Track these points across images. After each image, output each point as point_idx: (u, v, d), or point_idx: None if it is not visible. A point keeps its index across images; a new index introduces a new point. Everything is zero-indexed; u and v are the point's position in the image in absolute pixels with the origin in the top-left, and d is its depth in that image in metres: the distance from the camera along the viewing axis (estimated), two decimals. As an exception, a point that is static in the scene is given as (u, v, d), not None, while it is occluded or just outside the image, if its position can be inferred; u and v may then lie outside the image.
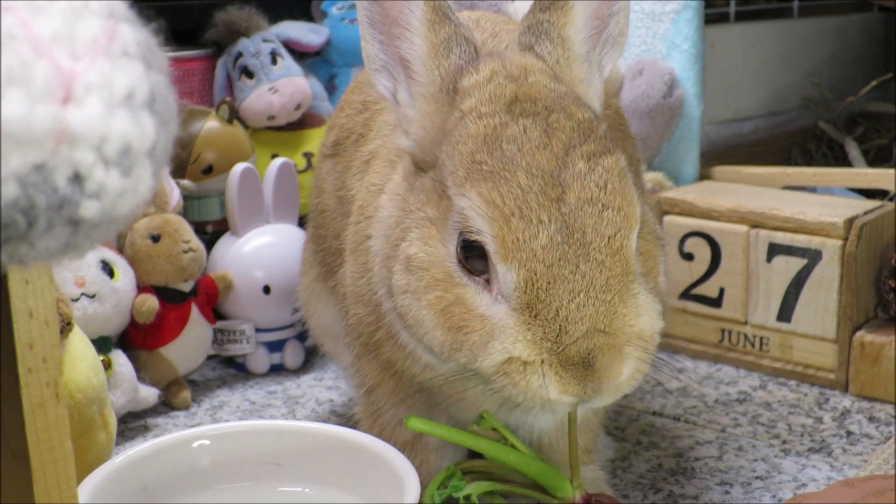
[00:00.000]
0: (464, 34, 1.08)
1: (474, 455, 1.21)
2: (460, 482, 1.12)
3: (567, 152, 0.99)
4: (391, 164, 1.17)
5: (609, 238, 0.97)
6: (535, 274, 0.96)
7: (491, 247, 0.97)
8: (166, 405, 1.66)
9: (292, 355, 1.81)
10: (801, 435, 1.53)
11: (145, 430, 1.58)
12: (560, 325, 0.96)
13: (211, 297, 1.72)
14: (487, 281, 0.99)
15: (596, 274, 0.97)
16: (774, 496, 1.34)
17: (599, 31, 1.11)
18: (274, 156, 1.86)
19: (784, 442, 1.50)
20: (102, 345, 1.52)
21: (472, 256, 0.99)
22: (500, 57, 1.08)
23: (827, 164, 2.62)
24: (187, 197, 1.80)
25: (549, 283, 0.96)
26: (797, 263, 1.71)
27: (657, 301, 1.03)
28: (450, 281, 1.01)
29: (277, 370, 1.81)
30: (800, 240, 1.70)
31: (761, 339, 1.78)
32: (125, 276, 1.59)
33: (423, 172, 1.07)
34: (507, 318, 0.98)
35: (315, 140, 1.95)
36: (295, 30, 2.02)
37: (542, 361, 0.97)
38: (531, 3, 1.11)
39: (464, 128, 1.02)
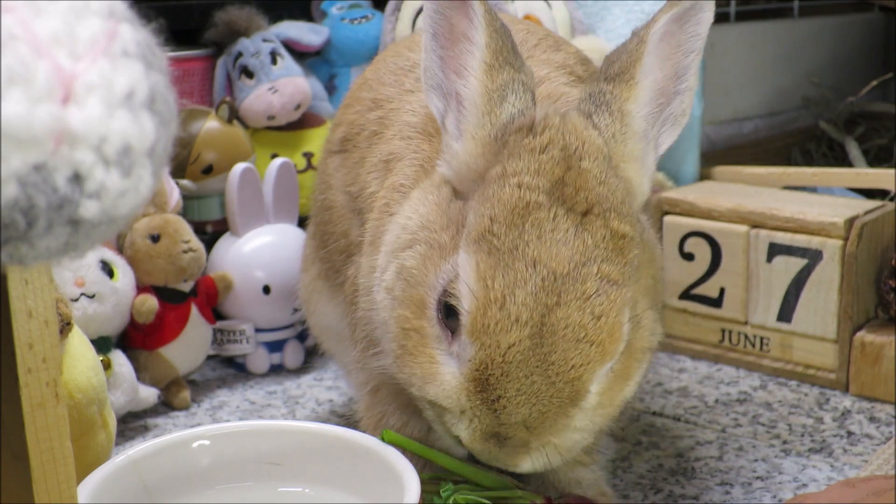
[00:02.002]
0: (522, 80, 1.05)
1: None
2: (448, 487, 1.12)
3: (584, 263, 0.97)
4: (423, 170, 1.16)
5: (573, 367, 0.97)
6: (492, 362, 0.97)
7: (463, 318, 0.98)
8: (166, 405, 1.66)
9: (292, 355, 1.81)
10: (802, 435, 1.53)
11: (145, 430, 1.57)
12: (496, 410, 0.98)
13: (211, 297, 1.72)
14: (453, 333, 1.00)
15: (544, 388, 0.97)
16: (775, 496, 1.34)
17: (662, 108, 1.08)
18: (274, 156, 1.86)
19: (784, 442, 1.50)
20: (102, 345, 1.52)
21: (450, 316, 1.00)
22: (560, 120, 1.04)
23: (827, 164, 2.62)
24: (187, 197, 1.80)
25: (501, 375, 0.97)
26: (797, 263, 1.71)
27: (591, 423, 1.03)
28: (423, 310, 1.02)
29: (277, 370, 1.81)
30: (800, 240, 1.70)
31: (762, 339, 1.77)
32: (125, 276, 1.59)
33: (455, 198, 1.07)
34: (452, 378, 1.00)
35: (315, 140, 1.95)
36: (295, 30, 2.02)
37: (468, 414, 1.00)
38: (531, 3, 1.10)
39: (500, 188, 0.99)
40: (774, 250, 1.73)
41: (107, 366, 1.50)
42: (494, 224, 0.98)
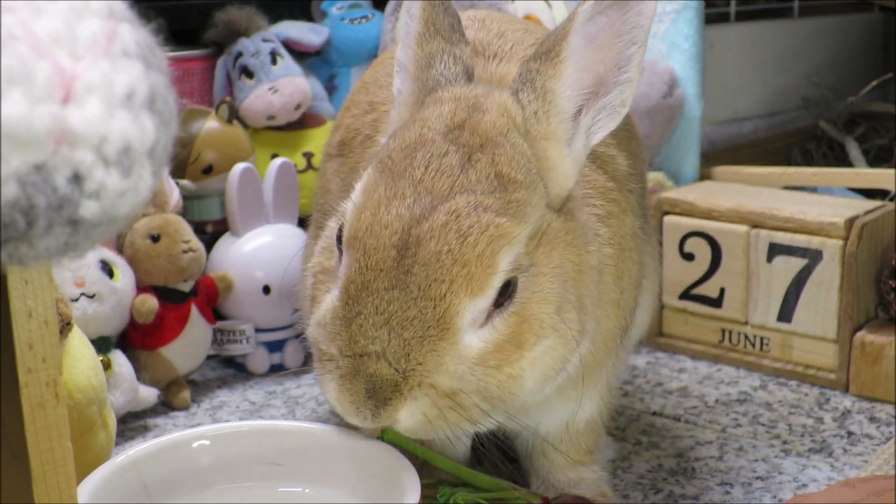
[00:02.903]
0: (455, 54, 1.08)
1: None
2: (446, 491, 1.12)
3: (462, 191, 0.97)
4: None
5: (435, 282, 0.94)
6: (357, 268, 0.96)
7: (345, 229, 1.00)
8: (166, 405, 1.65)
9: (292, 355, 1.81)
10: (802, 435, 1.53)
11: (145, 430, 1.57)
12: (352, 332, 0.96)
13: (211, 297, 1.72)
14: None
15: (405, 306, 0.94)
16: (775, 496, 1.34)
17: (599, 96, 1.07)
18: (274, 156, 1.86)
19: (784, 442, 1.50)
20: (102, 345, 1.52)
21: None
22: (484, 89, 1.07)
23: (827, 164, 2.62)
24: (187, 197, 1.80)
25: (362, 284, 0.96)
26: (797, 263, 1.71)
27: (471, 374, 0.97)
28: (331, 252, 1.06)
29: (277, 370, 1.81)
30: (800, 240, 1.70)
31: (762, 339, 1.77)
32: (125, 276, 1.59)
33: None
34: (328, 300, 1.01)
35: (315, 140, 1.95)
36: (295, 30, 2.02)
37: (332, 358, 0.98)
38: (531, 3, 1.11)
39: (406, 130, 1.04)
40: (774, 250, 1.73)
41: (107, 366, 1.50)
42: (392, 153, 1.01)
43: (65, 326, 1.26)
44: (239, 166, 1.74)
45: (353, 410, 0.97)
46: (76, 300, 1.51)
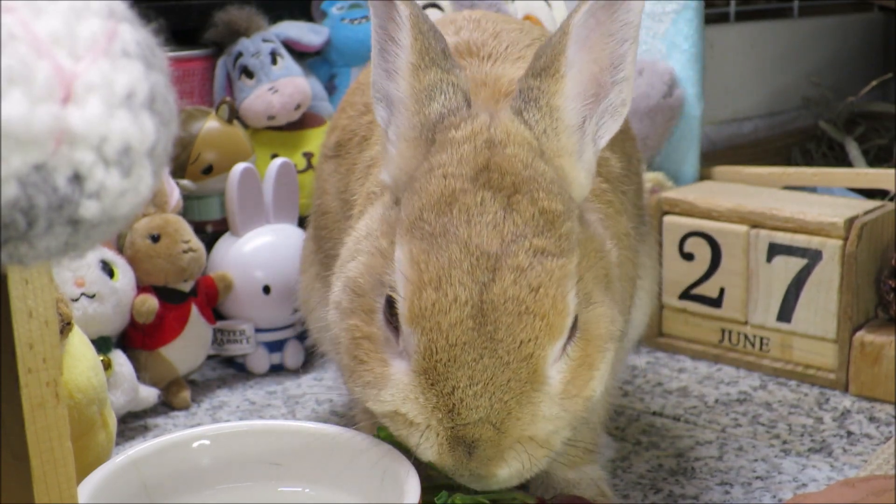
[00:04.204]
0: (452, 81, 1.04)
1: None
2: (443, 494, 1.12)
3: (515, 240, 0.95)
4: None
5: (522, 343, 0.94)
6: (436, 347, 0.94)
7: (400, 307, 0.96)
8: (166, 405, 1.66)
9: (292, 355, 1.81)
10: (802, 435, 1.53)
11: (145, 430, 1.57)
12: (454, 404, 0.95)
13: (211, 297, 1.72)
14: (398, 331, 0.99)
15: (498, 372, 0.94)
16: (775, 496, 1.34)
17: (598, 99, 1.06)
18: (274, 156, 1.86)
19: (784, 442, 1.50)
20: (102, 345, 1.52)
21: (394, 315, 0.99)
22: (489, 116, 1.03)
23: (827, 164, 2.62)
24: (187, 197, 1.80)
25: (449, 360, 0.94)
26: (797, 263, 1.71)
27: (562, 410, 0.99)
28: (371, 316, 1.02)
29: (277, 370, 1.81)
30: (800, 240, 1.70)
31: (761, 339, 1.77)
32: (125, 276, 1.59)
33: (395, 205, 1.06)
34: (403, 375, 0.98)
35: (315, 140, 1.95)
36: (295, 30, 2.02)
37: (430, 427, 0.97)
38: (531, 3, 1.10)
39: (426, 181, 0.99)
40: (774, 250, 1.73)
41: (107, 366, 1.50)
42: (424, 212, 0.97)
43: (65, 326, 1.26)
44: (239, 166, 1.74)
45: (454, 470, 0.98)
46: (76, 300, 1.51)
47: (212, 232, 1.85)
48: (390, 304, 0.99)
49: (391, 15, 1.05)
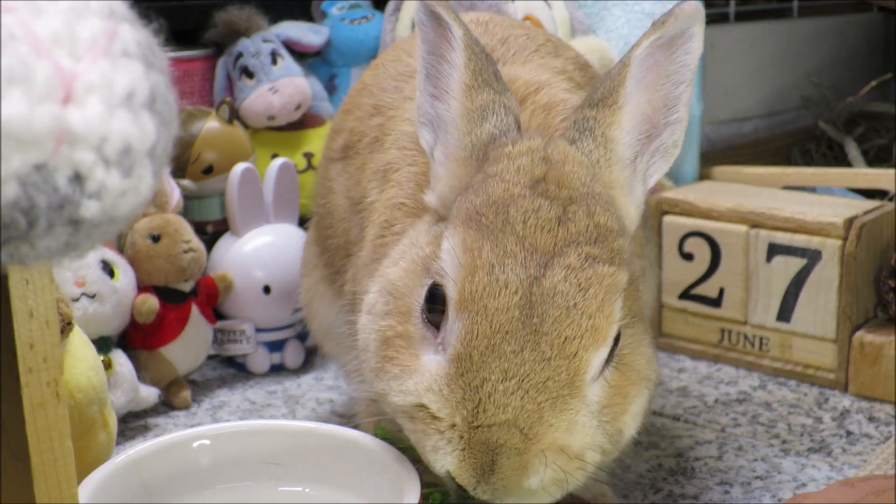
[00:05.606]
0: (504, 103, 1.04)
1: None
2: (437, 495, 1.12)
3: (568, 244, 0.95)
4: (417, 185, 1.15)
5: (566, 339, 0.91)
6: (478, 331, 0.91)
7: (450, 292, 0.95)
8: (166, 405, 1.66)
9: (292, 355, 1.81)
10: (801, 435, 1.53)
11: (145, 430, 1.58)
12: (481, 399, 0.90)
13: (211, 297, 1.72)
14: (438, 329, 0.96)
15: (538, 368, 0.90)
16: (774, 496, 1.34)
17: (651, 138, 1.06)
18: (274, 156, 1.86)
19: (784, 442, 1.50)
20: (103, 345, 1.52)
21: (435, 309, 0.97)
22: (544, 139, 1.04)
23: (827, 164, 2.63)
24: (187, 197, 1.80)
25: (487, 348, 0.91)
26: (797, 263, 1.71)
27: (600, 431, 0.95)
28: (407, 317, 1.00)
29: (277, 370, 1.81)
30: (799, 240, 1.70)
31: (761, 339, 1.78)
32: (125, 276, 1.59)
33: (439, 223, 1.06)
34: (433, 366, 0.95)
35: (315, 140, 1.95)
36: (295, 30, 2.02)
37: (454, 426, 0.92)
38: (531, 3, 1.10)
39: (483, 186, 0.99)
40: (774, 250, 1.73)
41: (107, 365, 1.50)
42: (481, 207, 0.97)
43: (66, 326, 1.26)
44: (239, 166, 1.74)
45: (473, 483, 0.92)
46: (77, 300, 1.51)
47: (212, 232, 1.85)
48: (433, 295, 0.97)
49: (444, 36, 1.05)
